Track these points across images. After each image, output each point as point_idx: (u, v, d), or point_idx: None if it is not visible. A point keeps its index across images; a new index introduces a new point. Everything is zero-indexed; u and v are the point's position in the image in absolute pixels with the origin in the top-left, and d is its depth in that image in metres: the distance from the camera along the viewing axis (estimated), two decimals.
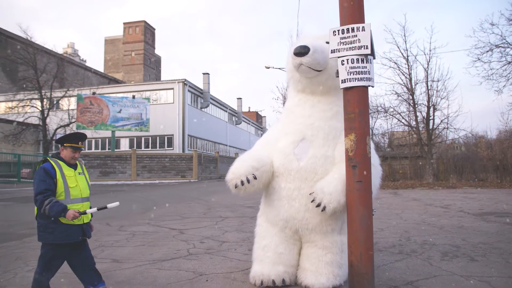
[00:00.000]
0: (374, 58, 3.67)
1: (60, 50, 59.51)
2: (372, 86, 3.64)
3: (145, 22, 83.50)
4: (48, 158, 3.43)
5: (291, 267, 4.05)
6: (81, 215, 3.39)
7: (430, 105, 22.75)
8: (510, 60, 20.65)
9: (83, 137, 3.56)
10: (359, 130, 3.49)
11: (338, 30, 3.60)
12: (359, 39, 3.51)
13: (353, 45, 3.53)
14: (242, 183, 3.72)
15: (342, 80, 3.56)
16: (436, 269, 4.73)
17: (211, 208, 11.85)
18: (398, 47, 23.14)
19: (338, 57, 3.59)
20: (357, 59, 3.52)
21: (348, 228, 3.57)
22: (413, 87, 23.10)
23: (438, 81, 22.67)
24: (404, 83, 23.34)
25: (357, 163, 3.47)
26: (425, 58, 24.20)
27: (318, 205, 3.58)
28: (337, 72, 3.63)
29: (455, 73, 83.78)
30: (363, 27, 3.52)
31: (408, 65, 23.08)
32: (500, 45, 20.66)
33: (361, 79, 3.51)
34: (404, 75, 23.25)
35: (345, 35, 3.57)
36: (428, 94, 22.79)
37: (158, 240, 6.80)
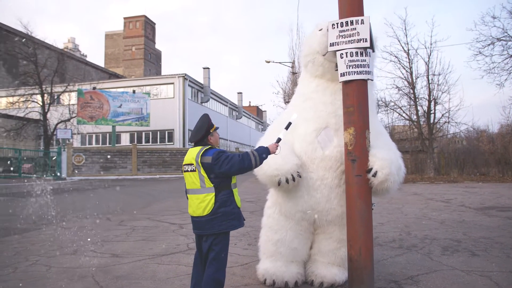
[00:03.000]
0: (373, 51, 3.63)
1: (60, 45, 59.50)
2: (372, 80, 3.61)
3: (145, 16, 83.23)
4: (210, 147, 3.17)
5: (303, 264, 3.98)
6: (278, 143, 3.28)
7: (431, 99, 22.69)
8: None
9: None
10: (358, 123, 3.46)
11: (337, 23, 3.56)
12: (358, 32, 3.47)
13: (352, 38, 3.49)
14: (287, 181, 3.53)
15: (341, 73, 3.53)
16: (437, 263, 4.71)
17: None
18: (399, 41, 23.04)
19: (337, 50, 3.55)
20: (356, 52, 3.48)
21: (347, 223, 3.55)
22: (414, 81, 23.04)
23: (439, 75, 22.62)
24: (405, 77, 23.28)
25: (356, 157, 3.44)
26: (426, 52, 24.19)
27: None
28: (336, 66, 3.59)
29: (456, 67, 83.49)
30: (362, 20, 3.47)
31: (409, 59, 23.00)
32: (501, 38, 20.55)
33: (360, 73, 3.47)
34: (405, 69, 23.19)
35: (344, 28, 3.52)
36: (429, 88, 22.72)
37: (158, 235, 6.80)
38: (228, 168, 2.98)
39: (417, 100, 23.11)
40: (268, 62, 27.98)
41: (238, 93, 56.11)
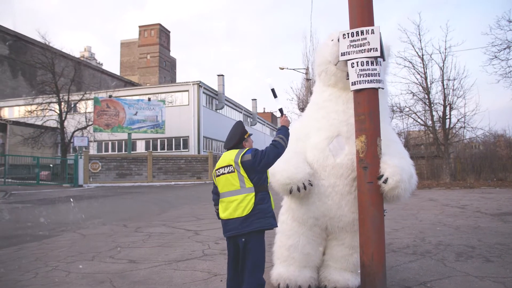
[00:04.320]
0: (384, 60, 3.69)
1: (77, 54, 60.59)
2: (382, 88, 3.67)
3: (160, 25, 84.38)
4: (248, 148, 3.28)
5: (316, 269, 4.03)
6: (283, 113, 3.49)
7: (446, 104, 22.44)
8: None
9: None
10: (370, 131, 3.52)
11: (348, 33, 3.64)
12: (368, 42, 3.54)
13: (362, 47, 3.56)
14: (299, 189, 3.59)
15: (352, 82, 3.60)
16: (450, 269, 4.71)
17: None
18: (413, 46, 22.87)
19: (348, 60, 3.62)
20: (367, 62, 3.55)
21: (359, 229, 3.59)
22: (429, 86, 22.81)
23: (454, 79, 22.35)
24: (419, 82, 23.08)
25: (368, 164, 3.49)
26: (441, 57, 23.79)
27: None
28: (347, 75, 3.66)
29: (472, 71, 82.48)
30: (372, 30, 3.55)
31: (423, 64, 22.80)
32: None
33: (371, 81, 3.54)
34: (419, 74, 22.99)
35: (355, 38, 3.60)
36: (444, 93, 22.48)
37: (174, 241, 6.91)
38: (266, 158, 3.10)
39: (432, 105, 22.91)
40: (282, 68, 28.10)
41: (252, 99, 56.32)
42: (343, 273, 3.91)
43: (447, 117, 22.60)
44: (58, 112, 31.12)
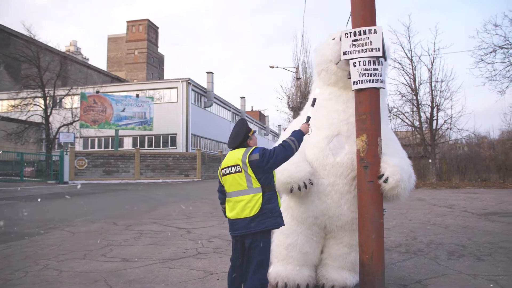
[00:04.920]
0: (385, 60, 3.71)
1: (62, 48, 59.67)
2: (384, 88, 3.69)
3: (148, 20, 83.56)
4: (254, 147, 3.25)
5: (314, 268, 4.03)
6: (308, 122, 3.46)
7: (434, 105, 22.77)
8: None
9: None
10: (371, 131, 3.53)
11: (350, 33, 3.64)
12: (371, 42, 3.55)
13: (365, 47, 3.57)
14: (299, 188, 3.60)
15: (354, 81, 3.61)
16: (444, 268, 4.77)
17: (217, 207, 11.88)
18: (402, 48, 23.15)
19: (350, 59, 3.63)
20: (369, 61, 3.56)
21: (359, 228, 3.61)
22: (417, 87, 23.11)
23: (442, 81, 22.69)
24: (408, 83, 23.37)
25: (368, 164, 3.51)
26: (429, 59, 24.19)
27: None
28: (349, 74, 3.67)
29: (459, 74, 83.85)
30: (375, 29, 3.56)
31: (412, 66, 23.10)
32: (503, 46, 20.67)
33: (373, 81, 3.55)
34: (408, 75, 23.28)
35: (357, 37, 3.61)
36: (432, 95, 22.80)
37: (166, 239, 6.86)
38: (274, 159, 3.07)
39: (420, 106, 23.20)
40: (273, 67, 28.13)
41: (241, 97, 56.30)
42: (341, 272, 3.92)
43: (434, 118, 22.94)
44: (43, 107, 30.61)
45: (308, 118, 3.47)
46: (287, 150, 3.13)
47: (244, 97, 56.28)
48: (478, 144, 27.83)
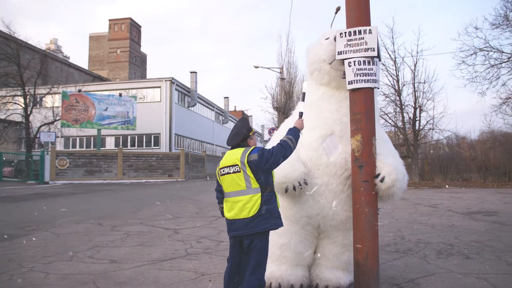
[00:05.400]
0: (379, 60, 3.72)
1: (43, 46, 58.47)
2: (378, 88, 3.70)
3: (131, 19, 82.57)
4: (253, 147, 3.19)
5: (308, 268, 4.02)
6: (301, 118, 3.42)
7: (417, 106, 23.09)
8: (493, 64, 21.12)
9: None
10: (366, 130, 3.54)
11: (345, 32, 3.64)
12: (366, 42, 3.56)
13: (359, 47, 3.57)
14: (294, 188, 3.57)
15: (348, 81, 3.60)
16: (434, 267, 4.82)
17: (202, 207, 11.82)
18: (386, 49, 23.36)
19: (345, 59, 3.63)
20: (364, 61, 3.56)
21: (353, 227, 3.61)
22: (400, 88, 23.41)
23: (424, 82, 23.00)
24: (391, 84, 23.64)
25: (363, 163, 3.51)
26: (412, 60, 24.63)
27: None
28: (344, 73, 3.67)
29: (441, 75, 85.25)
30: (370, 29, 3.57)
31: (396, 67, 23.37)
32: (483, 49, 21.12)
33: (368, 81, 3.56)
34: (391, 76, 23.54)
35: (352, 37, 3.61)
36: (415, 96, 23.11)
37: (154, 240, 6.76)
38: (273, 159, 3.03)
39: (403, 107, 23.51)
40: (257, 67, 28.12)
41: (224, 97, 56.22)
42: (334, 271, 3.92)
43: (417, 118, 23.26)
44: (23, 105, 29.91)
45: (301, 114, 3.45)
46: (285, 149, 3.10)
47: (227, 97, 56.24)
48: (458, 145, 28.40)
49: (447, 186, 20.30)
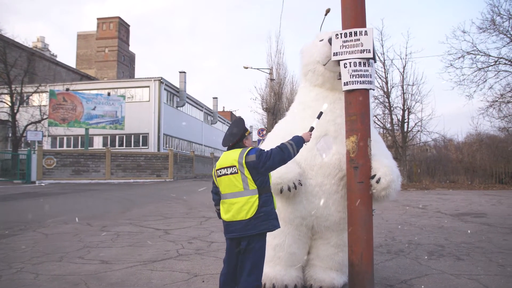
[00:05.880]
0: (375, 61, 3.74)
1: (29, 44, 57.57)
2: (373, 89, 3.71)
3: (119, 18, 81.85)
4: (251, 148, 3.19)
5: (301, 269, 4.01)
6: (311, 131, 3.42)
7: (405, 108, 23.30)
8: (481, 67, 21.41)
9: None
10: (361, 132, 3.54)
11: (341, 34, 3.64)
12: (361, 43, 3.57)
13: (355, 48, 3.58)
14: (289, 189, 3.56)
15: (344, 82, 3.61)
16: (426, 268, 4.86)
17: (192, 208, 11.75)
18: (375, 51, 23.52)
19: (341, 60, 3.63)
20: (360, 63, 3.57)
21: (348, 228, 3.61)
22: (389, 90, 23.60)
23: (413, 85, 23.23)
24: (380, 86, 23.82)
25: (358, 164, 3.52)
26: (401, 63, 24.96)
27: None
28: (339, 75, 3.67)
29: (429, 78, 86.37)
30: (365, 31, 3.58)
31: (385, 69, 23.55)
32: (471, 52, 21.39)
33: (363, 82, 3.57)
34: (380, 78, 23.71)
35: (348, 38, 3.61)
36: (404, 98, 23.33)
37: (145, 241, 6.70)
38: (271, 161, 3.01)
39: (392, 109, 23.70)
40: (247, 68, 28.05)
41: (213, 98, 55.95)
42: (328, 272, 3.92)
43: (405, 120, 23.47)
44: (10, 104, 29.42)
45: (312, 128, 3.46)
46: (284, 153, 3.08)
47: (216, 97, 56.00)
48: (445, 147, 28.73)
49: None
